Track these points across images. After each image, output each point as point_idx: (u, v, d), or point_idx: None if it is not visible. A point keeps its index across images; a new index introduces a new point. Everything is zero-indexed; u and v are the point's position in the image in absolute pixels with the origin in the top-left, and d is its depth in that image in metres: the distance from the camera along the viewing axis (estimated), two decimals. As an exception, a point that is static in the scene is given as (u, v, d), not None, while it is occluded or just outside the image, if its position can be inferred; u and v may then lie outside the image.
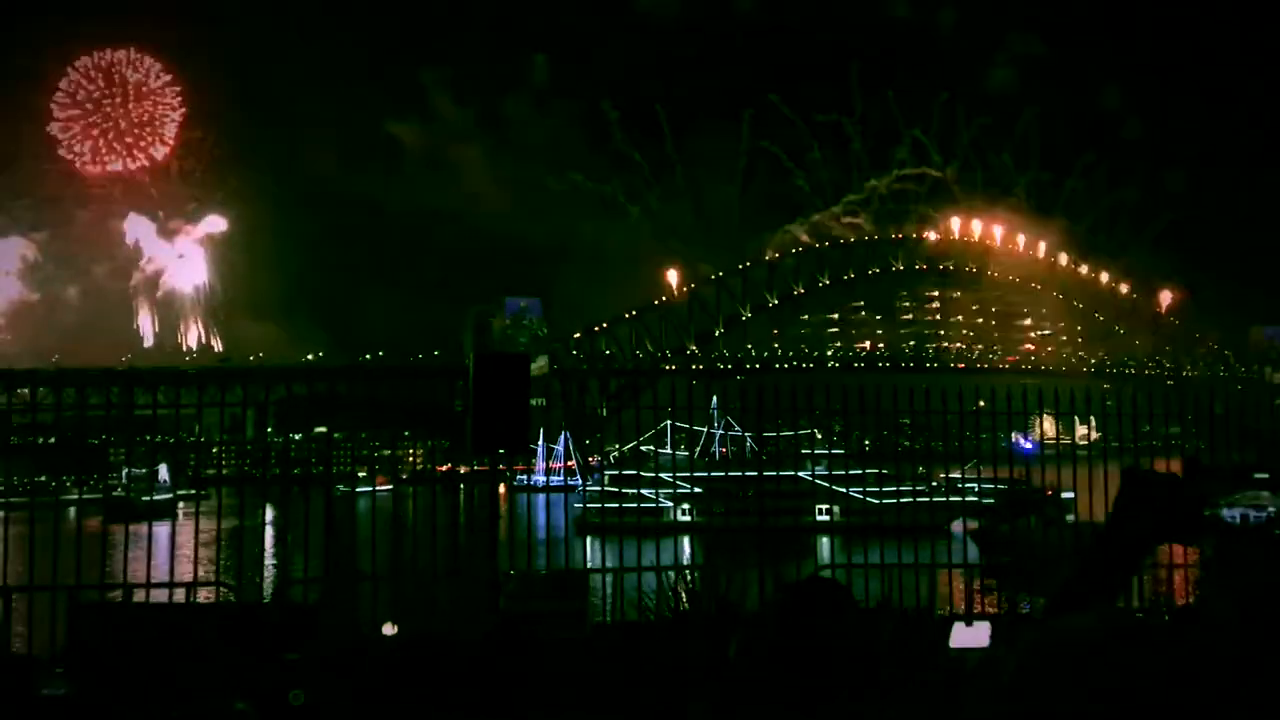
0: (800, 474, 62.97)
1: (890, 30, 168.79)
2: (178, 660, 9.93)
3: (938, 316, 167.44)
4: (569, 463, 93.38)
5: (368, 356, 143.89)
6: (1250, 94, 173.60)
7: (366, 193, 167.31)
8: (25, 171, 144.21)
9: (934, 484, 32.30)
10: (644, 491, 57.12)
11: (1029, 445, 24.89)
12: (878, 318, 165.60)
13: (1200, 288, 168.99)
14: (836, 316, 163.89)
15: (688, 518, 62.95)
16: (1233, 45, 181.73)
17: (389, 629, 12.97)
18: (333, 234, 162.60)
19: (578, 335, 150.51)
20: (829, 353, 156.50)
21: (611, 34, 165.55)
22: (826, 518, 63.05)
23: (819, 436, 59.59)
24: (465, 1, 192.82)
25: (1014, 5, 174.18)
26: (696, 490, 61.21)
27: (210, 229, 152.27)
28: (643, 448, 66.28)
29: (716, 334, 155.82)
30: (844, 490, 63.03)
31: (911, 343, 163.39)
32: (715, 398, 31.55)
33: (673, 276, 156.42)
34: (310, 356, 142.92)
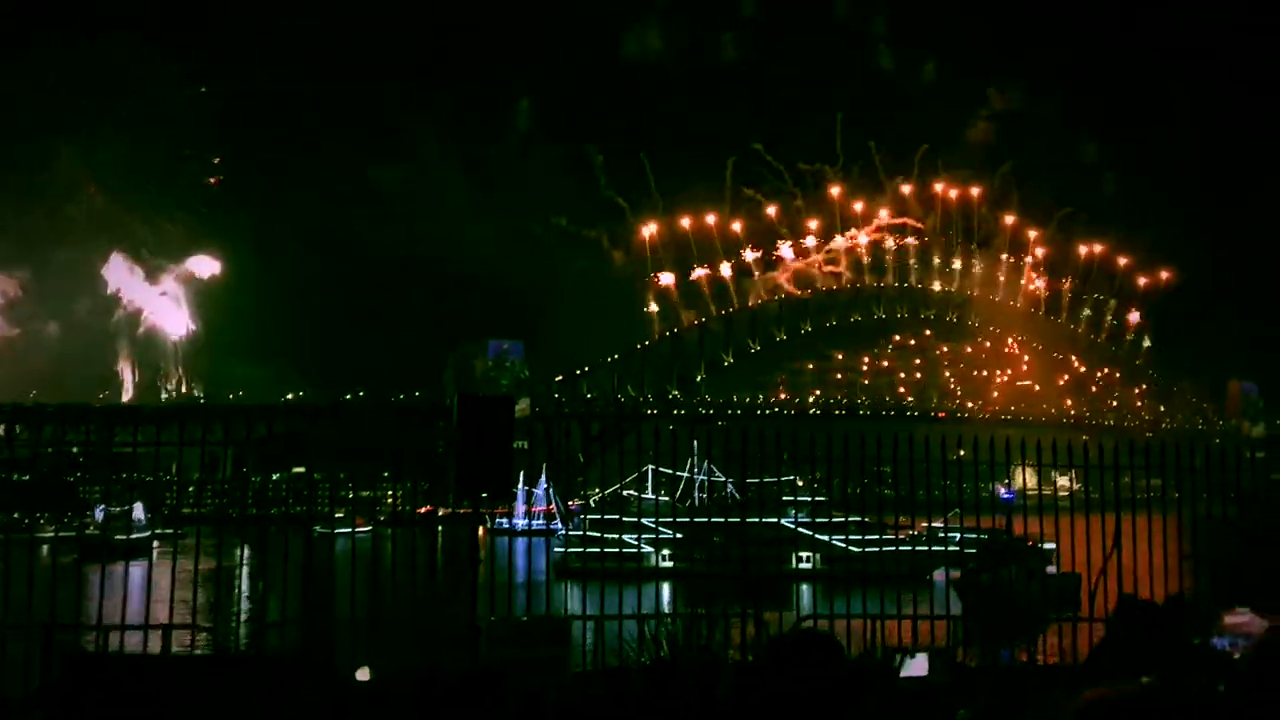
0: (781, 520, 62.83)
1: (874, 83, 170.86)
2: (160, 711, 9.79)
3: (919, 365, 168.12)
4: (549, 506, 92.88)
5: (349, 396, 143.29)
6: (1229, 152, 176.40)
7: (350, 235, 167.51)
8: (7, 205, 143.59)
9: (915, 533, 32.30)
10: (625, 536, 56.86)
11: (1006, 494, 24.87)
12: (859, 365, 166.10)
13: (1178, 340, 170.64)
14: (818, 364, 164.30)
15: (668, 563, 62.70)
16: (1210, 99, 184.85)
17: (363, 674, 12.83)
18: (316, 275, 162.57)
19: (560, 378, 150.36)
20: (810, 399, 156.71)
21: (598, 81, 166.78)
22: (808, 565, 62.89)
23: (800, 484, 59.58)
24: (451, 47, 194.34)
25: (993, 60, 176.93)
26: (677, 536, 60.96)
27: (200, 269, 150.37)
28: (624, 492, 66.05)
29: (699, 379, 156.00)
30: (825, 538, 62.91)
31: (892, 391, 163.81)
32: (696, 442, 31.50)
33: (655, 321, 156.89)
34: (291, 396, 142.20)
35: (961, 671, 12.54)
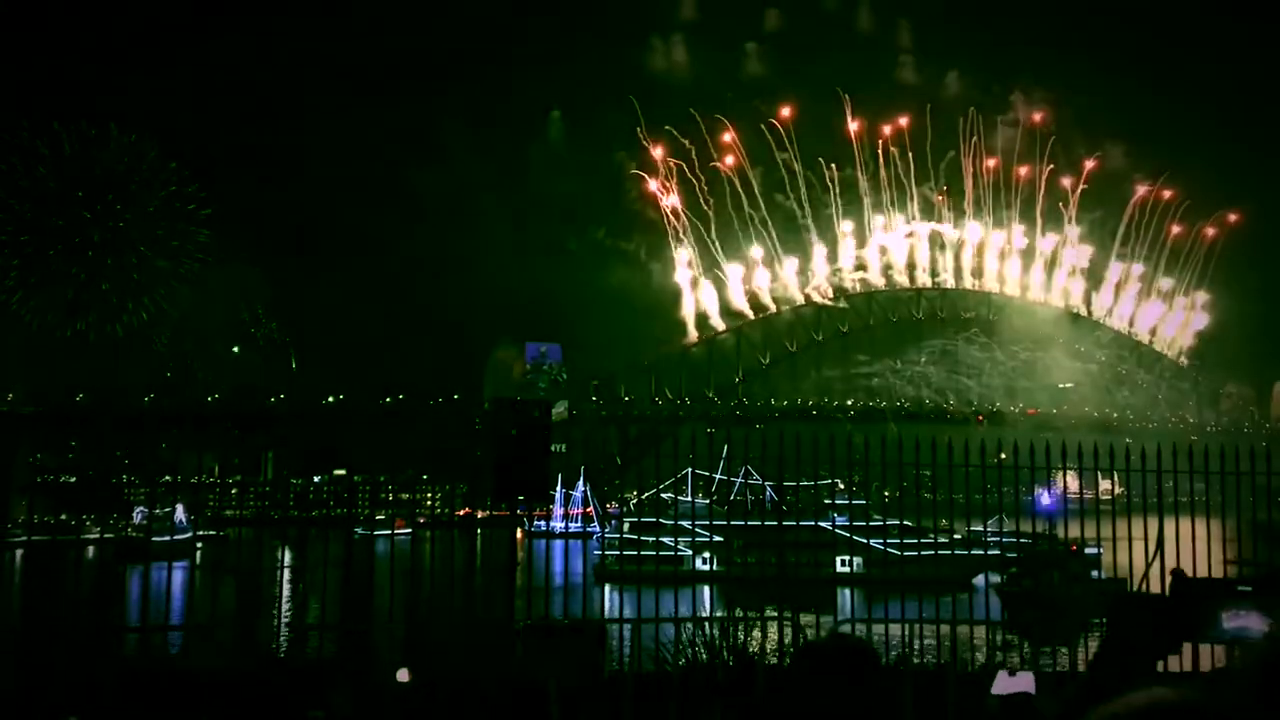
0: (821, 524, 62.50)
1: (899, 91, 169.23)
2: (194, 715, 9.88)
3: (958, 367, 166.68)
4: (587, 509, 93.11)
5: (388, 400, 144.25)
6: (1264, 153, 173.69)
7: (388, 240, 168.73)
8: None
9: (956, 537, 32.02)
10: (663, 539, 56.79)
11: (1050, 502, 24.51)
12: (898, 367, 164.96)
13: (1221, 341, 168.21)
14: (856, 366, 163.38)
15: (707, 566, 62.51)
16: (1244, 103, 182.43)
17: (404, 675, 12.89)
18: (355, 279, 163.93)
19: (597, 382, 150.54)
20: (849, 402, 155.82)
21: (628, 91, 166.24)
22: (847, 569, 62.49)
23: (840, 487, 59.21)
24: (485, 58, 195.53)
25: (1020, 66, 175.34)
26: (717, 539, 60.77)
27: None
28: (662, 495, 65.98)
29: (736, 382, 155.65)
30: (865, 541, 62.53)
31: (932, 393, 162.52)
32: (727, 447, 31.42)
33: (692, 325, 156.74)
34: (330, 399, 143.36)
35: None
